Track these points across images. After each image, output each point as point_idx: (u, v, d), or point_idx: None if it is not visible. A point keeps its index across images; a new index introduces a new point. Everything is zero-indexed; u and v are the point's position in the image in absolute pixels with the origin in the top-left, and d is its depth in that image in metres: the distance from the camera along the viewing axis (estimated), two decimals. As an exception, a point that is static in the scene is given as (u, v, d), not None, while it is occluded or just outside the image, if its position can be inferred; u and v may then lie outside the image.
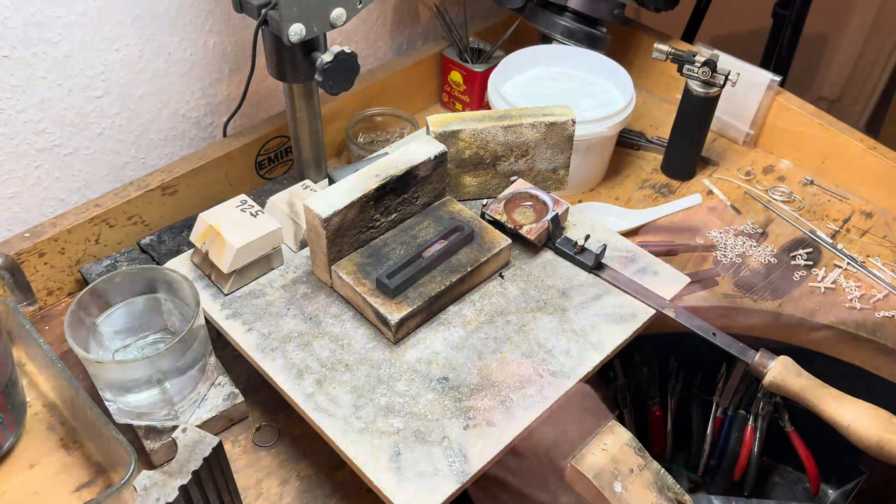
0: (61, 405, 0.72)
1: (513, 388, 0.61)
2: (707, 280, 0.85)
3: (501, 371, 0.62)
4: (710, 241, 0.90)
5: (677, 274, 0.72)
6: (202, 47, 0.87)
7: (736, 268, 0.88)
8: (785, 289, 0.85)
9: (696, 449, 0.94)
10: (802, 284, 0.86)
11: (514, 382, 0.61)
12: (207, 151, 0.89)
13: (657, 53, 0.93)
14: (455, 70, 1.06)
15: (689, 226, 0.91)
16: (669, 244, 0.87)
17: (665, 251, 0.85)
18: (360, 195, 0.65)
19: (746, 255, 0.89)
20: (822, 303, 0.84)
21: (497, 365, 0.63)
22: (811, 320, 0.83)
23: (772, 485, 0.98)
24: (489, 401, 0.61)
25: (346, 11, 0.75)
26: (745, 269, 0.88)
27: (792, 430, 0.87)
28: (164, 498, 0.52)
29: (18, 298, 0.73)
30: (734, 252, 0.89)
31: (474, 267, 0.68)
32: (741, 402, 0.90)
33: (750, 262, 0.88)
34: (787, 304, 0.84)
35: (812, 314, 0.83)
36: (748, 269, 0.88)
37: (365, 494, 0.67)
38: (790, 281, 0.86)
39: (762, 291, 0.85)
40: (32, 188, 0.81)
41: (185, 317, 0.66)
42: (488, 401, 0.61)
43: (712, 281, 0.85)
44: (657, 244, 0.86)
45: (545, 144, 0.76)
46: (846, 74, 1.90)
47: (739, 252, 0.89)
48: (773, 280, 0.86)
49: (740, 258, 0.89)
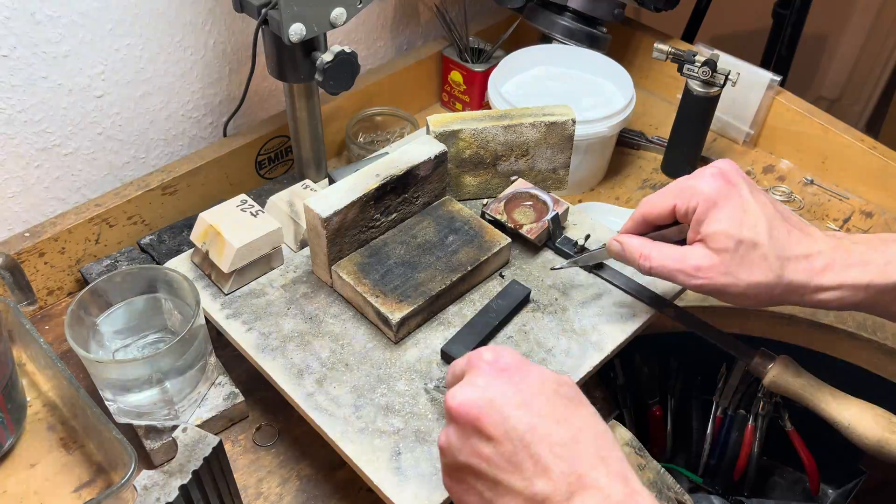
0: (61, 405, 0.72)
1: (513, 388, 0.61)
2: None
3: (501, 371, 0.62)
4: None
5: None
6: (202, 47, 0.87)
7: (736, 268, 0.88)
8: (785, 289, 0.85)
9: (696, 449, 0.94)
10: (802, 284, 0.86)
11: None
12: (207, 151, 0.89)
13: (657, 53, 0.93)
14: (455, 70, 1.06)
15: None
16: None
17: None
18: (361, 195, 0.65)
19: (746, 254, 0.89)
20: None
21: (497, 364, 0.62)
22: (811, 319, 0.83)
23: (772, 485, 0.98)
24: (489, 400, 0.61)
25: (347, 11, 0.75)
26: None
27: (792, 429, 0.87)
28: (164, 498, 0.52)
29: (18, 298, 0.73)
30: (734, 252, 0.89)
31: (474, 266, 0.68)
32: (741, 401, 0.90)
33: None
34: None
35: (812, 313, 0.83)
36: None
37: (365, 494, 0.67)
38: (790, 281, 0.86)
39: (762, 291, 0.85)
40: (32, 188, 0.81)
41: (185, 316, 0.66)
42: (488, 400, 0.61)
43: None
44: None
45: (545, 144, 0.76)
46: (846, 74, 1.90)
47: (739, 252, 0.89)
48: (773, 280, 0.86)
49: (740, 258, 0.89)
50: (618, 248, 0.63)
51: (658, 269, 0.60)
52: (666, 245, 0.60)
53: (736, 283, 0.57)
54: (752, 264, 0.56)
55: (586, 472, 0.45)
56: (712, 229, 0.57)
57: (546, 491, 0.44)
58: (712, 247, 0.57)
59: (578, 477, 0.44)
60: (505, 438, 0.46)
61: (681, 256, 0.59)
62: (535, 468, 0.45)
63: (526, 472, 0.45)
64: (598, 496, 0.44)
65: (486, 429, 0.46)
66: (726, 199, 0.57)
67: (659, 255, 0.60)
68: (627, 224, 0.64)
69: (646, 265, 0.60)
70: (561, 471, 0.45)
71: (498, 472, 0.46)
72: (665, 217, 0.61)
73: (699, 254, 0.58)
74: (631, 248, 0.62)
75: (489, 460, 0.46)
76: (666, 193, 0.61)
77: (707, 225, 0.57)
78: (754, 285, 0.57)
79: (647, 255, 0.60)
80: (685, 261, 0.58)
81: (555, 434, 0.46)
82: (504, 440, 0.46)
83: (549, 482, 0.45)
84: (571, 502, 0.44)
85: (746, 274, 0.56)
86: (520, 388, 0.47)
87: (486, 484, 0.47)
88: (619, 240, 0.63)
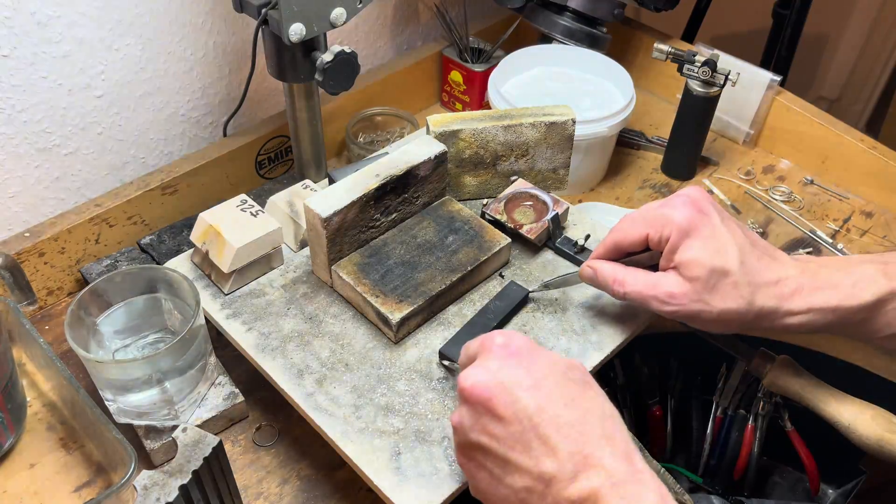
0: (61, 405, 0.72)
1: (513, 388, 0.61)
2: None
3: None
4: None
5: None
6: (202, 47, 0.87)
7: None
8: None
9: (696, 449, 0.94)
10: (802, 284, 0.86)
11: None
12: (207, 151, 0.89)
13: (657, 53, 0.93)
14: (455, 70, 1.06)
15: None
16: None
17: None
18: (361, 195, 0.65)
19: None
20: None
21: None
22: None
23: (772, 485, 0.97)
24: (489, 400, 0.61)
25: (347, 11, 0.75)
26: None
27: (792, 429, 0.87)
28: (164, 497, 0.52)
29: (18, 298, 0.73)
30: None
31: (474, 266, 0.68)
32: (741, 401, 0.89)
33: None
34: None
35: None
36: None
37: (365, 494, 0.67)
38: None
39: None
40: (32, 188, 0.81)
41: (185, 316, 0.66)
42: (488, 400, 0.61)
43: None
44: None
45: (545, 144, 0.76)
46: (846, 74, 1.90)
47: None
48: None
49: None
50: (590, 274, 0.64)
51: (632, 294, 0.61)
52: (640, 271, 0.62)
53: (709, 310, 0.58)
54: (724, 292, 0.57)
55: (592, 451, 0.46)
56: (685, 258, 0.58)
57: (552, 469, 0.46)
58: (685, 275, 0.58)
59: (584, 457, 0.46)
60: (514, 419, 0.48)
61: (654, 283, 0.60)
62: (543, 448, 0.47)
63: (534, 452, 0.47)
64: (602, 475, 0.46)
65: (496, 409, 0.48)
66: (698, 229, 0.58)
67: (633, 281, 0.61)
68: (598, 250, 0.65)
69: (620, 291, 0.62)
70: (567, 450, 0.47)
71: (507, 451, 0.48)
72: (637, 245, 0.62)
73: (672, 281, 0.59)
74: (604, 274, 0.63)
75: (499, 439, 0.48)
76: (638, 221, 0.62)
77: (680, 253, 0.58)
78: (726, 312, 0.58)
79: (620, 281, 0.62)
80: (658, 287, 0.59)
81: (563, 415, 0.48)
82: (514, 420, 0.48)
83: (556, 461, 0.46)
84: (577, 480, 0.46)
85: (719, 301, 0.58)
86: (530, 370, 0.49)
87: (496, 461, 0.49)
88: (591, 266, 0.64)
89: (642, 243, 0.62)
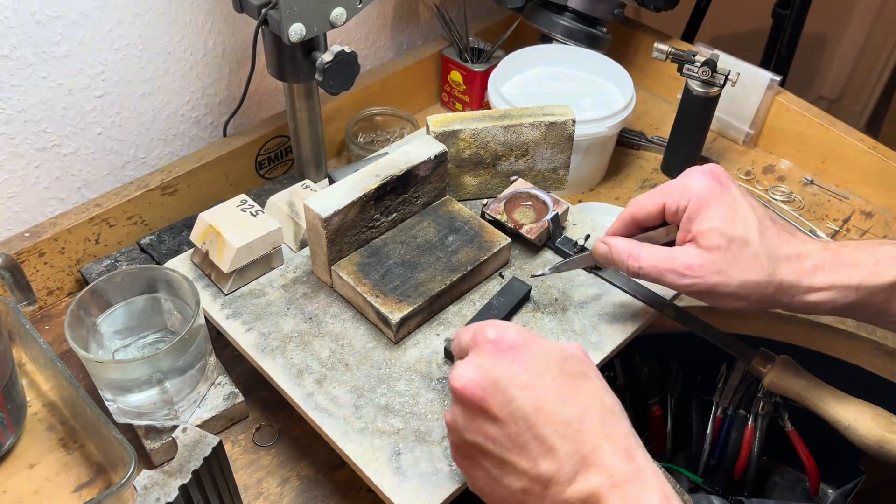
0: (61, 405, 0.72)
1: (513, 388, 0.61)
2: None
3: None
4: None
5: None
6: (202, 47, 0.87)
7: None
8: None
9: (696, 449, 0.94)
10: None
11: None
12: (207, 151, 0.89)
13: (657, 53, 0.93)
14: (455, 70, 1.06)
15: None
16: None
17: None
18: (361, 195, 0.65)
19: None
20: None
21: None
22: (811, 320, 0.83)
23: (772, 485, 0.98)
24: (489, 400, 0.61)
25: (347, 11, 0.75)
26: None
27: (792, 429, 0.87)
28: (164, 498, 0.52)
29: (18, 298, 0.73)
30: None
31: (474, 266, 0.68)
32: (741, 401, 0.90)
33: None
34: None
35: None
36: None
37: (365, 494, 0.67)
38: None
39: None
40: (32, 188, 0.81)
41: (185, 316, 0.66)
42: (488, 400, 0.61)
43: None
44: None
45: (545, 144, 0.76)
46: (846, 74, 1.90)
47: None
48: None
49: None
50: (604, 250, 0.62)
51: (648, 269, 0.58)
52: (654, 246, 0.59)
53: (727, 282, 0.56)
54: (744, 262, 0.56)
55: (591, 451, 0.45)
56: (704, 227, 0.56)
57: (551, 471, 0.45)
58: (704, 245, 0.56)
59: (583, 456, 0.45)
60: (510, 420, 0.46)
61: (671, 256, 0.58)
62: (541, 448, 0.45)
63: (531, 453, 0.46)
64: (601, 475, 0.44)
65: (491, 410, 0.46)
66: (718, 198, 0.57)
67: (648, 255, 0.59)
68: (614, 225, 0.63)
69: (635, 265, 0.59)
70: (566, 451, 0.45)
71: (504, 452, 0.46)
72: (654, 217, 0.60)
73: (690, 253, 0.57)
74: (619, 250, 0.60)
75: (495, 440, 0.47)
76: (655, 193, 0.60)
77: (699, 223, 0.57)
78: (746, 284, 0.56)
79: (636, 256, 0.59)
80: (676, 260, 0.57)
81: (560, 414, 0.46)
82: (509, 421, 0.46)
83: (554, 462, 0.45)
84: (576, 481, 0.45)
85: (738, 272, 0.56)
86: (525, 367, 0.47)
87: (493, 462, 0.48)
88: (605, 241, 0.62)
89: (659, 215, 0.60)
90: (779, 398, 0.87)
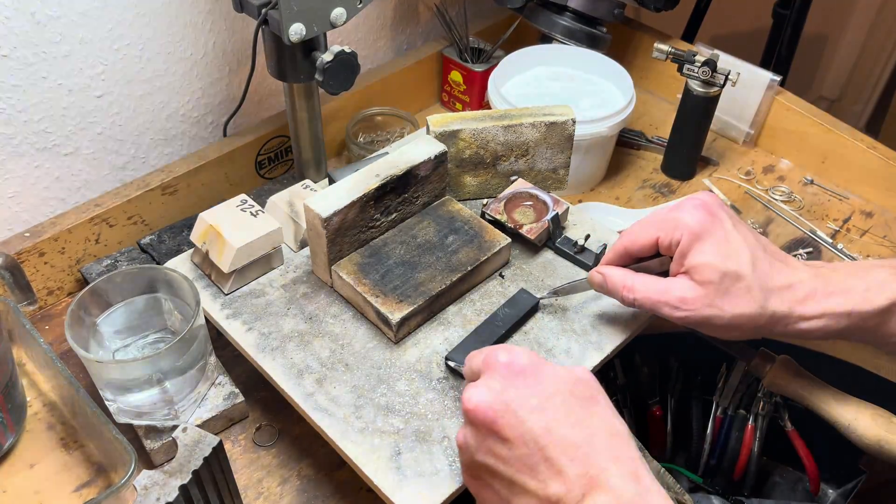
0: (61, 405, 0.72)
1: (513, 388, 0.61)
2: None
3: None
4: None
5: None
6: (202, 47, 0.87)
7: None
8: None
9: (696, 449, 0.94)
10: (802, 284, 0.86)
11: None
12: (207, 151, 0.89)
13: (657, 53, 0.93)
14: (455, 70, 1.06)
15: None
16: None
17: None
18: (361, 195, 0.65)
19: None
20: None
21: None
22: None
23: (772, 485, 0.97)
24: (489, 400, 0.61)
25: (347, 11, 0.75)
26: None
27: (792, 429, 0.87)
28: (164, 497, 0.52)
29: (18, 298, 0.73)
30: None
31: (474, 266, 0.68)
32: (741, 401, 0.89)
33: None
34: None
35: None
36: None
37: (365, 494, 0.67)
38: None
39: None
40: (32, 188, 0.81)
41: (185, 316, 0.67)
42: (488, 400, 0.61)
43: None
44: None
45: (545, 144, 0.76)
46: (846, 74, 1.90)
47: (739, 252, 0.89)
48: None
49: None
50: (600, 280, 0.63)
51: (642, 300, 0.60)
52: (649, 277, 0.61)
53: (720, 315, 0.57)
54: (737, 296, 0.57)
55: (598, 473, 0.46)
56: (697, 261, 0.57)
57: (560, 492, 0.46)
58: (697, 279, 0.58)
59: (591, 478, 0.46)
60: (521, 441, 0.47)
61: (665, 289, 0.59)
62: (550, 470, 0.46)
63: (540, 475, 0.47)
64: (609, 496, 0.45)
65: (502, 431, 0.48)
66: (710, 232, 0.58)
67: (643, 286, 0.60)
68: (608, 255, 0.64)
69: (629, 297, 0.61)
70: (574, 473, 0.46)
71: (514, 473, 0.47)
72: (647, 249, 0.61)
73: (684, 286, 0.58)
74: (614, 280, 0.62)
75: (505, 461, 0.48)
76: (648, 225, 0.61)
77: (692, 257, 0.58)
78: (738, 317, 0.57)
79: (630, 287, 0.61)
80: (669, 293, 0.58)
81: (569, 436, 0.47)
82: (520, 443, 0.47)
83: (563, 484, 0.46)
84: (584, 502, 0.45)
85: (731, 306, 0.57)
86: (536, 390, 0.48)
87: (503, 482, 0.49)
88: (601, 272, 0.63)
89: (652, 247, 0.61)
90: (779, 398, 0.87)
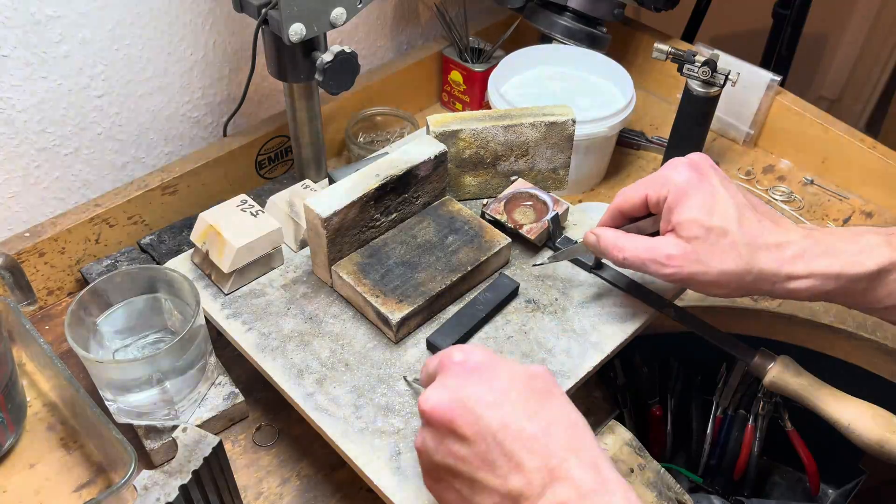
0: (61, 405, 0.72)
1: (513, 388, 0.61)
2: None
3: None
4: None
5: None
6: (202, 47, 0.87)
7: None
8: (785, 289, 0.85)
9: (696, 449, 0.94)
10: (802, 284, 0.86)
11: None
12: (207, 151, 0.89)
13: (657, 53, 0.93)
14: (455, 70, 1.06)
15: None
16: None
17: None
18: (361, 195, 0.65)
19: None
20: (822, 303, 0.84)
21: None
22: (811, 320, 0.83)
23: (772, 484, 0.98)
24: (489, 400, 0.61)
25: (347, 11, 0.75)
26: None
27: (792, 429, 0.87)
28: (164, 497, 0.52)
29: (18, 298, 0.73)
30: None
31: (474, 266, 0.68)
32: (741, 401, 0.90)
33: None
34: (787, 304, 0.84)
35: (813, 314, 0.83)
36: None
37: (365, 494, 0.67)
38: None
39: (762, 291, 0.85)
40: (32, 188, 0.81)
41: (185, 316, 0.67)
42: (488, 400, 0.61)
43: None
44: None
45: (545, 144, 0.76)
46: (846, 74, 1.90)
47: (739, 252, 0.89)
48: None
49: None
50: (593, 240, 0.64)
51: (631, 259, 0.61)
52: (639, 237, 0.62)
53: (706, 272, 0.58)
54: (723, 252, 0.57)
55: (558, 464, 0.46)
56: (682, 217, 0.58)
57: (520, 486, 0.46)
58: (683, 235, 0.58)
59: (551, 470, 0.45)
60: (478, 438, 0.47)
61: (652, 246, 0.60)
62: (509, 465, 0.46)
63: (500, 470, 0.46)
64: (569, 487, 0.45)
65: (459, 429, 0.47)
66: (696, 189, 0.59)
67: (632, 245, 0.61)
68: (604, 217, 0.66)
69: (619, 256, 0.62)
70: (534, 465, 0.46)
71: (474, 471, 0.47)
72: (638, 207, 0.63)
73: (670, 243, 0.59)
74: (606, 240, 0.63)
75: (464, 460, 0.47)
76: (639, 185, 0.62)
77: (677, 213, 0.59)
78: (724, 273, 0.58)
79: (620, 247, 0.62)
80: (656, 250, 0.59)
81: (527, 429, 0.47)
82: (478, 440, 0.47)
83: (523, 477, 0.46)
84: (545, 495, 0.45)
85: (717, 262, 0.57)
86: (491, 386, 0.48)
87: (464, 482, 0.48)
88: (595, 232, 0.65)
89: (643, 205, 0.62)
90: (779, 398, 0.87)
